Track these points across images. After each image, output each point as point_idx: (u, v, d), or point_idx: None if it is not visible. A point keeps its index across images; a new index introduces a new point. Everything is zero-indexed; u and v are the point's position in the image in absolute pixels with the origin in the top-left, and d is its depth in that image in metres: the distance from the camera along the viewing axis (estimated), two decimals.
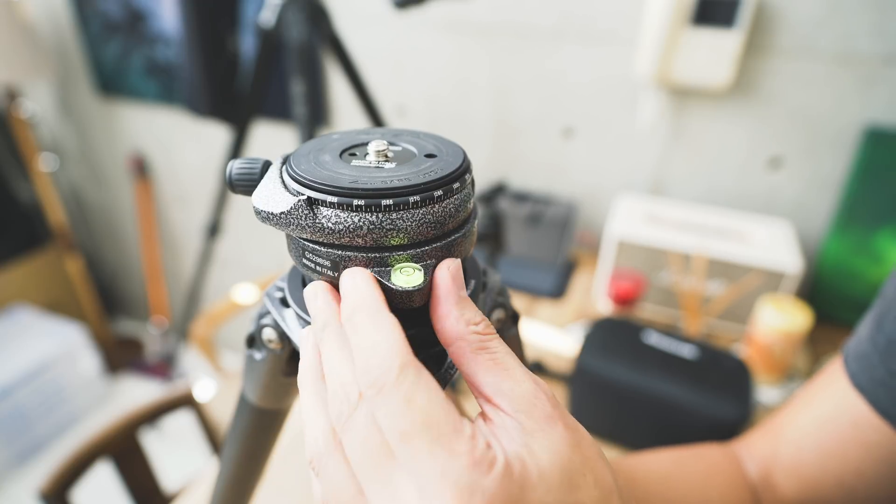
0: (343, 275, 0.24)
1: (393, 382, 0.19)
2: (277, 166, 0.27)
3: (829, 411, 0.40)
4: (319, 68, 1.40)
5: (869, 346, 0.39)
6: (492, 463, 0.18)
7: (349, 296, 0.23)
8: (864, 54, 0.97)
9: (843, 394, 0.40)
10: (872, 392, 0.38)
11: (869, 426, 0.38)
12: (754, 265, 0.96)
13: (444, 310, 0.23)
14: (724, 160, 1.15)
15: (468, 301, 0.23)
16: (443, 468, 0.18)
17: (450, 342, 0.23)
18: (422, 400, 0.19)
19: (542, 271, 1.17)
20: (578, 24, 1.13)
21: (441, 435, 0.18)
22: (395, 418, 0.19)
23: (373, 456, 0.19)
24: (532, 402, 0.21)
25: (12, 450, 1.71)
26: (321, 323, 0.24)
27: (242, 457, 0.39)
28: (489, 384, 0.21)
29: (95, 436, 0.86)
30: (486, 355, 0.22)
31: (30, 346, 1.76)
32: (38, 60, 1.58)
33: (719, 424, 0.69)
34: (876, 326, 0.39)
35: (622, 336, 0.80)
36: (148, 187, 1.88)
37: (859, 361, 0.39)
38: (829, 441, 0.40)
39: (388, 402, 0.19)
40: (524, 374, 0.22)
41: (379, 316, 0.21)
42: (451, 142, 0.28)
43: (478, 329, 0.23)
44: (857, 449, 0.38)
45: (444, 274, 0.24)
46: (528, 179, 1.33)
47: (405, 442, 0.19)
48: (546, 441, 0.20)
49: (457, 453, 0.18)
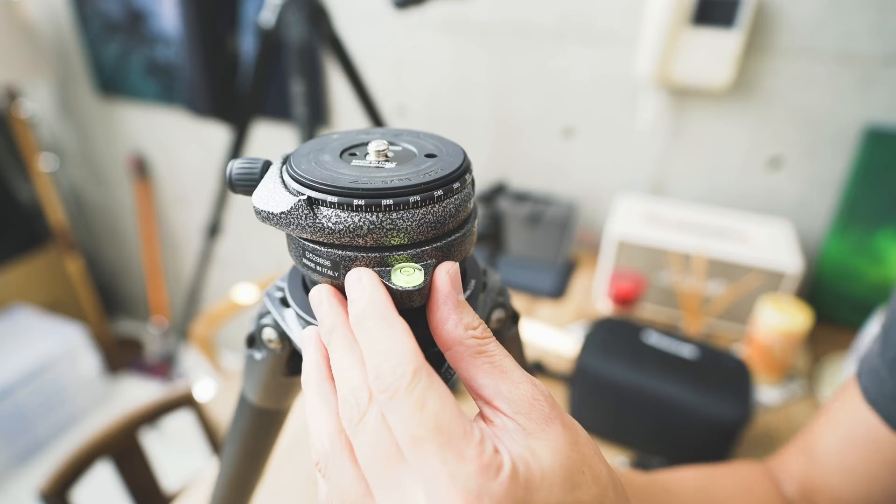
0: (349, 276, 0.24)
1: (406, 387, 0.20)
2: (277, 166, 0.27)
3: (849, 429, 0.40)
4: (319, 68, 1.40)
5: (879, 361, 0.38)
6: (499, 468, 0.19)
7: (358, 299, 0.23)
8: (864, 54, 0.97)
9: (859, 411, 0.39)
10: (885, 408, 0.37)
11: (886, 442, 0.37)
12: (754, 265, 0.96)
13: (443, 314, 0.23)
14: (724, 160, 1.15)
15: (466, 305, 0.24)
16: (452, 472, 0.18)
17: (448, 346, 0.23)
18: (433, 405, 0.19)
19: (542, 271, 1.17)
20: (578, 23, 1.13)
21: (451, 439, 0.19)
22: (407, 422, 0.19)
23: (383, 458, 0.20)
24: (531, 403, 0.21)
25: (12, 450, 1.71)
26: (329, 326, 0.24)
27: (242, 457, 0.39)
28: (488, 387, 0.22)
29: (95, 436, 0.86)
30: (485, 358, 0.22)
31: (30, 346, 1.76)
32: (38, 60, 1.58)
33: (719, 424, 0.69)
34: (884, 341, 0.39)
35: (622, 336, 0.79)
36: (148, 187, 1.88)
37: (870, 377, 0.39)
38: (852, 460, 0.39)
39: (401, 407, 0.19)
40: (522, 376, 0.22)
41: (390, 320, 0.22)
42: (451, 142, 0.28)
43: (476, 333, 0.23)
44: (879, 467, 0.38)
45: (443, 278, 0.23)
46: (528, 179, 1.33)
47: (416, 446, 0.19)
48: (546, 441, 0.20)
49: (466, 458, 0.18)
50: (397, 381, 0.20)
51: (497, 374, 0.22)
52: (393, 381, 0.20)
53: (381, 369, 0.20)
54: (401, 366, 0.20)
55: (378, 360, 0.21)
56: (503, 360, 0.22)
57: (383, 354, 0.21)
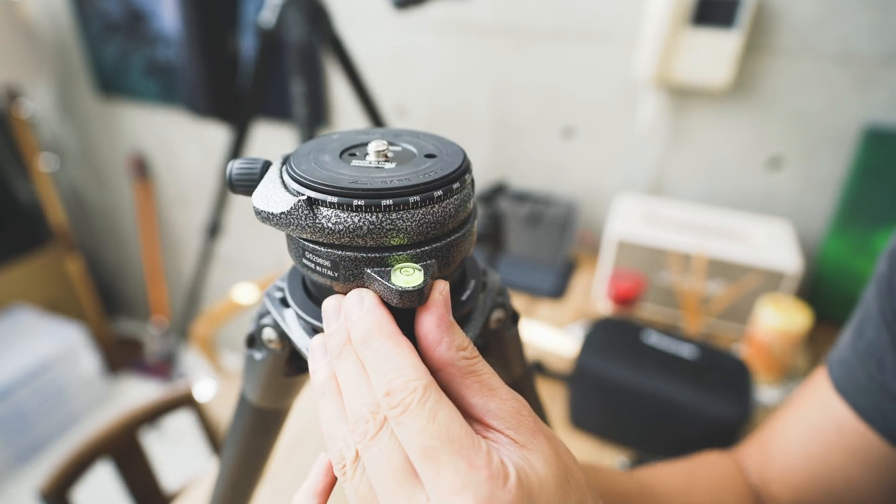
0: (349, 297, 0.24)
1: (418, 401, 0.21)
2: (277, 166, 0.27)
3: (815, 419, 0.41)
4: (319, 68, 1.40)
5: (850, 351, 0.40)
6: (506, 476, 0.20)
7: (362, 320, 0.23)
8: (864, 54, 0.97)
9: (828, 400, 0.40)
10: (854, 397, 0.38)
11: (853, 432, 0.38)
12: (754, 265, 0.96)
13: (436, 337, 0.23)
14: (724, 160, 1.15)
15: (456, 325, 0.24)
16: (464, 481, 0.19)
17: (440, 368, 0.23)
18: (444, 417, 0.20)
19: (542, 271, 1.17)
20: (578, 24, 1.14)
21: (462, 448, 0.20)
22: (420, 434, 0.20)
23: (396, 471, 0.20)
24: (518, 419, 0.22)
25: (12, 450, 1.71)
26: (339, 342, 0.24)
27: (242, 457, 0.39)
28: (478, 405, 0.23)
29: (95, 436, 0.86)
30: (474, 378, 0.23)
31: (30, 346, 1.76)
32: (38, 60, 1.58)
33: (719, 424, 0.69)
34: (856, 333, 0.40)
35: (622, 336, 0.80)
36: (148, 187, 1.88)
37: (841, 367, 0.40)
38: (816, 448, 0.40)
39: (413, 420, 0.20)
40: (507, 393, 0.23)
41: (397, 339, 0.23)
42: (451, 142, 0.28)
43: (466, 354, 0.23)
44: (843, 455, 0.39)
45: (437, 298, 0.24)
46: (528, 179, 1.33)
47: (429, 457, 0.20)
48: (537, 453, 0.22)
49: (477, 467, 0.19)
50: (409, 396, 0.21)
51: (486, 393, 0.23)
52: (405, 397, 0.21)
53: (393, 385, 0.21)
54: (412, 382, 0.21)
55: (389, 378, 0.21)
56: (490, 378, 0.23)
57: (394, 372, 0.21)
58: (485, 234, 0.91)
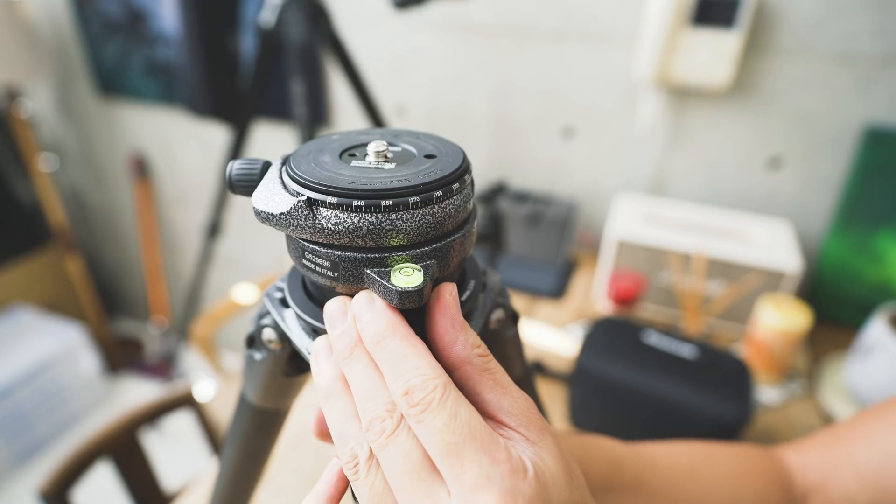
0: (358, 299, 0.24)
1: (439, 399, 0.21)
2: (277, 167, 0.27)
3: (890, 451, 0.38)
4: (319, 68, 1.40)
5: None
6: (525, 470, 0.20)
7: (374, 321, 0.23)
8: (864, 54, 0.97)
9: None
10: None
11: None
12: (754, 265, 0.96)
13: (452, 337, 0.24)
14: (724, 160, 1.15)
15: (467, 325, 0.25)
16: (488, 475, 0.20)
17: (457, 367, 0.24)
18: (465, 413, 0.21)
19: (542, 271, 1.17)
20: (578, 24, 1.13)
21: (484, 444, 0.20)
22: (443, 432, 0.20)
23: (416, 469, 0.21)
24: (528, 416, 0.23)
25: (12, 450, 1.71)
26: (349, 344, 0.24)
27: (242, 457, 0.39)
28: (492, 402, 0.23)
29: (95, 436, 0.86)
30: (489, 376, 0.24)
31: (30, 346, 1.76)
32: (38, 60, 1.58)
33: (719, 424, 0.69)
34: None
35: (622, 336, 0.79)
36: (148, 187, 1.88)
37: None
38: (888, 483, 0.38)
39: (435, 418, 0.21)
40: (518, 391, 0.24)
41: (412, 339, 0.23)
42: (451, 142, 0.28)
43: (480, 352, 0.24)
44: None
45: (449, 300, 0.24)
46: (528, 179, 1.33)
47: (452, 453, 0.20)
48: (547, 449, 0.22)
49: (499, 461, 0.20)
50: (430, 394, 0.21)
51: (499, 391, 0.23)
52: (426, 395, 0.21)
53: (413, 384, 0.21)
54: (432, 380, 0.21)
55: (408, 377, 0.22)
56: (502, 377, 0.24)
57: (413, 371, 0.22)
58: (485, 235, 0.91)
